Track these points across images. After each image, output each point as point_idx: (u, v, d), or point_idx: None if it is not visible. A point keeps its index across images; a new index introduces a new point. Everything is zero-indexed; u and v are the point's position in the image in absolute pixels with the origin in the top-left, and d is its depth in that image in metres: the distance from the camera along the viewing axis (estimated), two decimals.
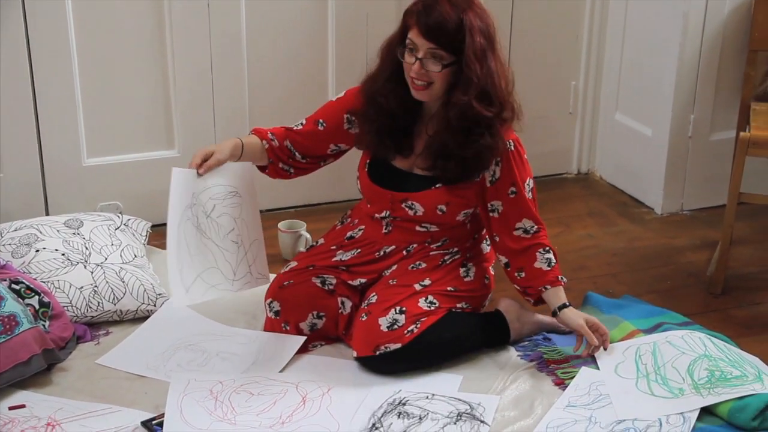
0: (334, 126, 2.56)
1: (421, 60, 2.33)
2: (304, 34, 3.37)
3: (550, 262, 2.48)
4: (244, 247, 2.45)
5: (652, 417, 2.25)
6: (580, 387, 2.36)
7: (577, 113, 3.87)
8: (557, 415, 2.27)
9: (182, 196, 2.41)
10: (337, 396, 2.34)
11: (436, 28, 2.30)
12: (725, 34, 3.38)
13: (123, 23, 3.15)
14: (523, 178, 2.47)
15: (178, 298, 2.39)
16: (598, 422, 2.23)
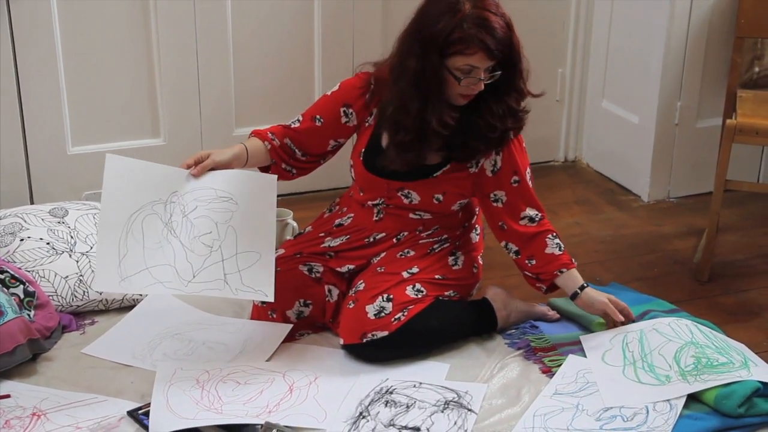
0: (331, 121, 2.52)
1: (483, 79, 2.30)
2: (290, 23, 3.36)
3: (560, 247, 2.49)
4: (221, 253, 2.34)
5: (638, 404, 2.25)
6: (567, 375, 2.37)
7: (564, 101, 3.87)
8: (544, 403, 2.27)
9: (147, 189, 2.33)
10: (324, 385, 2.33)
11: (501, 46, 2.27)
12: (711, 21, 3.38)
13: (107, 11, 3.13)
14: (524, 166, 2.48)
15: (108, 284, 2.26)
16: (585, 410, 2.24)
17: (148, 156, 3.28)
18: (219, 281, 2.32)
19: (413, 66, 2.30)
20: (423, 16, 2.31)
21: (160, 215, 2.34)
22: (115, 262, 2.26)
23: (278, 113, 3.37)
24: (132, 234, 2.30)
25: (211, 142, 3.37)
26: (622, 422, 2.19)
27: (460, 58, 2.27)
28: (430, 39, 2.27)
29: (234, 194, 2.40)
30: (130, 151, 3.29)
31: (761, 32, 3.22)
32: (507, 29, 2.29)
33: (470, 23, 2.24)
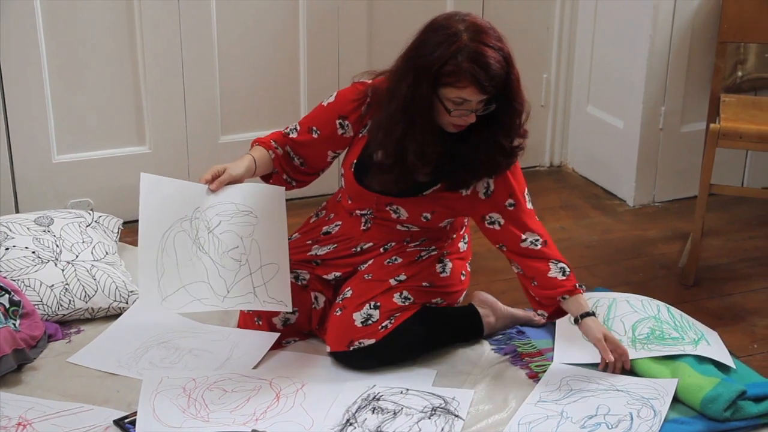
0: (328, 133, 2.49)
1: (476, 111, 2.26)
2: (275, 29, 3.36)
3: (564, 271, 2.41)
4: (249, 266, 2.37)
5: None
6: (550, 382, 2.38)
7: (549, 106, 3.89)
8: (529, 410, 2.28)
9: (175, 206, 2.36)
10: (311, 392, 2.33)
11: (494, 82, 2.22)
12: (695, 26, 3.40)
13: (92, 18, 3.12)
14: (520, 189, 2.43)
15: (151, 305, 2.29)
16: (569, 417, 2.24)
17: (134, 164, 3.29)
18: (250, 294, 2.35)
19: (404, 91, 2.27)
20: (421, 42, 2.27)
21: (188, 232, 2.35)
22: (155, 283, 2.27)
23: (264, 121, 3.38)
24: (166, 252, 2.31)
25: (196, 150, 3.37)
26: (606, 429, 2.19)
27: (452, 90, 2.23)
28: (424, 67, 2.23)
29: (253, 207, 2.42)
30: (116, 159, 3.28)
31: (744, 37, 3.24)
32: (504, 64, 2.24)
33: (464, 56, 2.19)
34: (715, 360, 2.39)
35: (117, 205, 3.22)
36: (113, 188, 3.29)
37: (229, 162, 2.46)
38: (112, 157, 3.28)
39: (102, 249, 2.81)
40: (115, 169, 3.29)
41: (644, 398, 2.26)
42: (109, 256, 2.81)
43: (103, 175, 3.28)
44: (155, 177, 2.39)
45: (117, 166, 3.29)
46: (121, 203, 3.24)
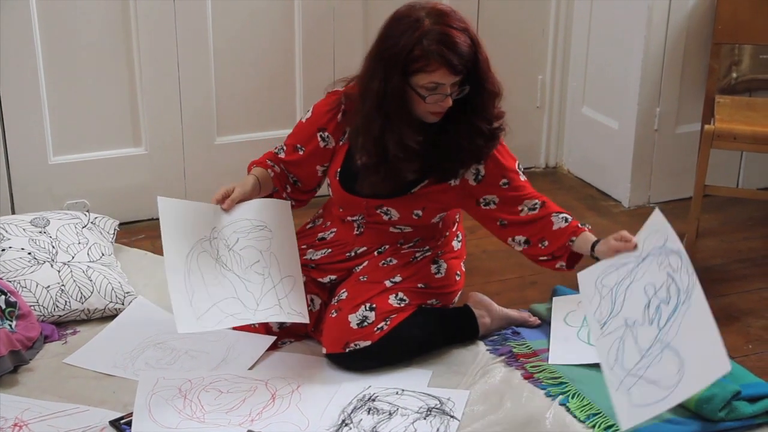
0: (312, 148, 2.51)
1: (451, 94, 2.28)
2: (271, 29, 3.36)
3: (567, 219, 2.41)
4: (272, 279, 2.39)
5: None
6: (592, 300, 2.27)
7: (544, 107, 3.89)
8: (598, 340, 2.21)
9: (193, 227, 2.38)
10: (307, 393, 2.34)
11: (463, 61, 2.24)
12: (689, 27, 3.41)
13: (88, 20, 3.12)
14: (511, 167, 2.44)
15: (187, 325, 2.28)
16: (634, 321, 2.13)
17: (130, 165, 3.30)
18: (276, 306, 2.37)
19: (376, 87, 2.28)
20: (385, 36, 2.29)
21: (210, 252, 2.37)
22: (187, 303, 2.28)
23: (260, 122, 3.39)
24: (192, 273, 2.33)
25: (192, 152, 3.37)
26: (665, 306, 2.10)
27: (423, 76, 2.24)
28: (392, 58, 2.24)
29: (266, 222, 2.45)
30: (112, 160, 3.28)
31: (738, 38, 3.25)
32: (471, 44, 2.26)
33: (431, 39, 2.21)
34: None
35: (113, 206, 3.23)
36: (109, 190, 3.29)
37: (221, 165, 2.47)
38: (108, 159, 3.28)
39: (98, 250, 2.81)
40: (111, 170, 3.29)
41: (659, 247, 2.21)
42: (105, 257, 2.81)
43: (99, 177, 3.28)
44: (171, 200, 2.43)
45: (113, 168, 3.29)
46: (117, 204, 3.25)
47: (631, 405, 2.05)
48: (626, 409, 2.06)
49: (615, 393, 2.09)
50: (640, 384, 2.05)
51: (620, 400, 2.07)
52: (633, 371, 2.08)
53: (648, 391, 2.04)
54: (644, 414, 2.02)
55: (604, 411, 2.26)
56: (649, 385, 2.04)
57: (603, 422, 2.23)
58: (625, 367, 2.10)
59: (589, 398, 2.31)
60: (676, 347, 2.04)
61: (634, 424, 2.04)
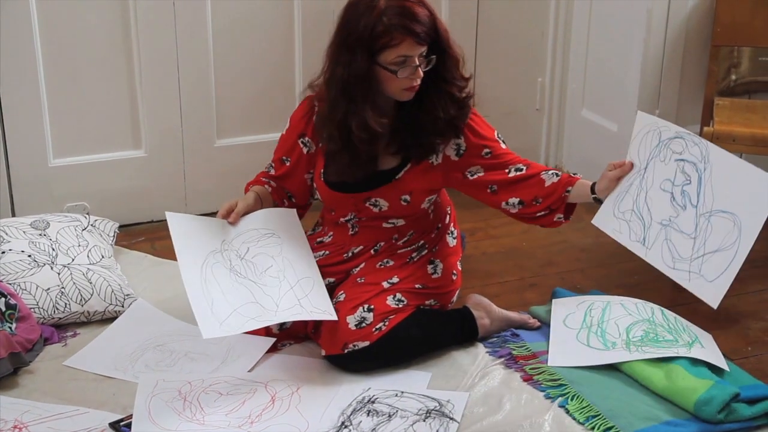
0: (297, 156, 2.56)
1: (420, 66, 2.33)
2: (271, 31, 3.37)
3: (557, 174, 2.46)
4: (288, 281, 2.41)
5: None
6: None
7: (544, 110, 3.90)
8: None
9: (203, 240, 2.41)
10: (307, 395, 2.34)
11: (425, 30, 2.30)
12: (688, 29, 3.41)
13: (88, 23, 3.12)
14: (491, 136, 2.49)
15: (211, 330, 2.28)
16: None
17: (130, 167, 3.30)
18: (296, 306, 2.37)
19: (341, 73, 2.34)
20: (344, 23, 2.35)
21: (222, 263, 2.40)
22: (208, 311, 2.30)
23: (259, 124, 3.39)
24: (209, 283, 2.35)
25: (192, 154, 3.37)
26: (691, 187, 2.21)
27: (390, 51, 2.30)
28: (356, 41, 2.30)
29: (274, 229, 2.48)
30: (112, 163, 3.29)
31: (737, 40, 3.25)
32: (429, 13, 2.33)
33: (390, 14, 2.28)
34: (709, 362, 2.40)
35: (113, 208, 3.23)
36: (109, 192, 3.29)
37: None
38: (108, 161, 3.29)
39: (98, 252, 2.81)
40: (111, 173, 3.29)
41: (656, 146, 2.27)
42: (105, 259, 2.81)
43: (99, 179, 3.28)
44: (179, 215, 2.46)
45: (113, 170, 3.29)
46: (117, 207, 3.25)
47: (709, 283, 2.12)
48: (708, 289, 2.17)
49: (690, 284, 2.20)
50: (706, 260, 2.15)
51: (698, 286, 2.16)
52: (694, 255, 2.16)
53: (717, 261, 2.16)
54: (725, 281, 2.15)
55: (603, 413, 2.26)
56: (715, 255, 2.14)
57: (602, 424, 2.23)
58: (685, 258, 2.17)
59: (589, 400, 2.31)
60: (719, 207, 2.14)
61: (721, 297, 2.16)
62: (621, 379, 2.40)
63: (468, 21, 3.64)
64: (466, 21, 3.64)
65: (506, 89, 3.78)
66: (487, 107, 3.16)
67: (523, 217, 2.51)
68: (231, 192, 2.83)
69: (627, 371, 2.41)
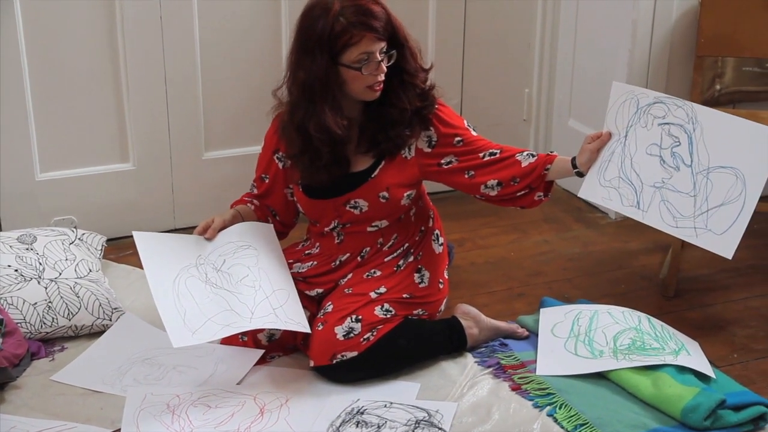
0: (274, 173, 2.59)
1: (382, 61, 2.37)
2: (259, 44, 3.37)
3: (533, 154, 2.48)
4: (264, 291, 2.42)
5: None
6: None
7: (531, 120, 3.92)
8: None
9: (177, 257, 2.42)
10: (296, 407, 2.34)
11: (383, 25, 2.35)
12: (673, 40, 3.43)
13: (74, 36, 3.13)
14: (461, 125, 2.52)
15: (182, 339, 2.28)
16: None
17: (118, 181, 3.30)
18: (271, 315, 2.38)
19: (302, 77, 2.37)
20: (302, 28, 2.38)
21: (197, 276, 2.41)
22: (180, 321, 2.30)
23: (247, 136, 3.39)
24: (182, 296, 2.35)
25: (180, 167, 3.37)
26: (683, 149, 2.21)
27: (352, 50, 2.33)
28: (316, 43, 2.33)
29: (250, 242, 2.50)
30: (99, 176, 3.28)
31: (721, 51, 3.27)
32: (383, 9, 2.37)
33: (347, 14, 2.32)
34: (696, 370, 2.41)
35: (101, 222, 3.23)
36: (97, 205, 3.29)
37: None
38: (96, 175, 3.29)
39: (85, 266, 2.81)
40: (98, 186, 3.29)
41: (635, 113, 2.29)
42: (93, 273, 2.81)
43: (86, 193, 3.28)
44: (148, 234, 2.48)
45: (100, 184, 3.29)
46: (105, 220, 3.25)
47: (719, 236, 2.14)
48: (719, 242, 2.17)
49: (698, 239, 2.21)
50: (711, 215, 2.15)
51: (707, 240, 2.18)
52: (696, 212, 2.17)
53: (724, 214, 2.16)
54: (736, 232, 2.14)
55: (591, 421, 2.27)
56: (721, 209, 2.15)
57: None
58: (687, 215, 2.18)
59: (577, 409, 2.32)
60: (717, 164, 2.15)
61: (734, 248, 2.15)
62: (609, 388, 2.41)
63: (455, 33, 3.66)
64: (454, 33, 3.66)
65: (493, 100, 3.80)
66: (474, 118, 3.18)
67: (504, 199, 2.52)
68: (219, 204, 2.85)
69: (614, 379, 2.41)
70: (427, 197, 2.70)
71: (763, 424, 2.28)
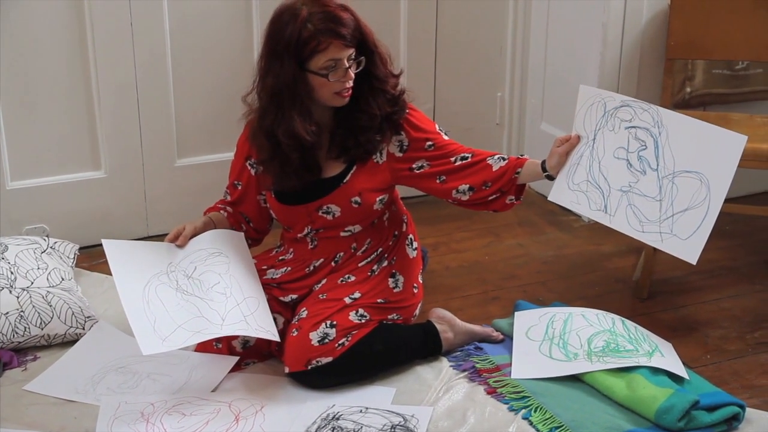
0: (247, 179, 2.60)
1: (350, 68, 2.37)
2: (230, 53, 3.36)
3: (504, 158, 2.48)
4: (235, 298, 2.41)
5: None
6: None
7: (503, 124, 3.93)
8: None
9: (147, 264, 2.41)
10: (271, 413, 2.33)
11: (351, 32, 2.35)
12: (643, 43, 3.46)
13: (44, 43, 3.10)
14: (432, 129, 2.53)
15: (151, 347, 2.26)
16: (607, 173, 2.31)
17: (90, 189, 3.28)
18: (242, 322, 2.37)
19: (271, 82, 2.38)
20: (270, 34, 2.38)
21: (168, 284, 2.40)
22: (150, 329, 2.29)
23: (220, 143, 3.38)
24: (152, 303, 2.34)
25: (153, 174, 3.36)
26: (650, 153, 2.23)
27: (319, 57, 2.33)
28: (284, 49, 2.33)
29: (222, 249, 2.50)
30: (71, 184, 3.26)
31: (690, 54, 3.30)
32: (351, 16, 2.37)
33: (315, 21, 2.32)
34: (669, 371, 2.42)
35: (73, 230, 3.20)
36: (69, 214, 3.27)
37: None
38: (67, 183, 3.26)
39: (58, 275, 2.79)
40: (70, 194, 3.27)
41: (602, 116, 2.30)
42: (65, 281, 2.79)
43: (58, 201, 3.25)
44: (117, 242, 2.47)
45: (72, 192, 3.27)
46: (77, 229, 3.23)
47: (683, 241, 2.14)
48: (683, 247, 2.18)
49: (663, 244, 2.20)
50: (677, 220, 2.16)
51: (672, 245, 2.17)
52: (662, 217, 2.17)
53: (688, 219, 2.17)
54: (700, 237, 2.15)
55: (566, 424, 2.27)
56: (686, 213, 2.15)
57: None
58: (653, 220, 2.18)
59: (552, 411, 2.32)
60: (682, 168, 2.14)
61: (698, 253, 2.16)
62: (583, 390, 2.42)
63: (427, 37, 3.67)
64: (426, 37, 3.67)
65: (466, 104, 3.81)
66: (447, 122, 3.19)
67: (476, 203, 2.53)
68: (193, 211, 2.84)
69: (589, 382, 2.43)
70: (400, 202, 2.70)
71: (737, 425, 2.30)
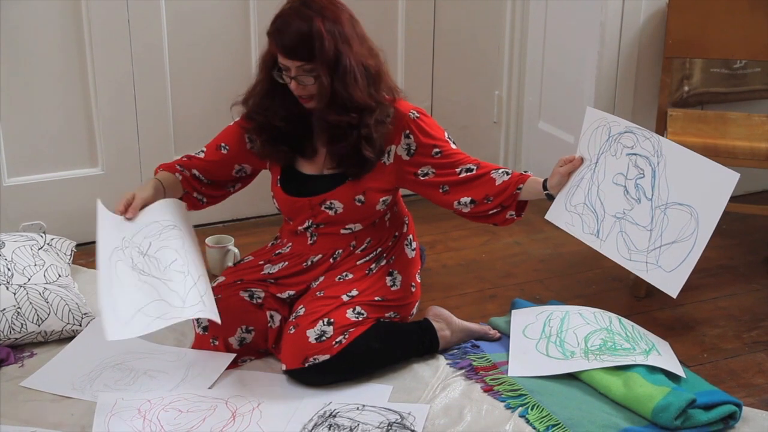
0: (236, 147, 2.58)
1: (296, 78, 2.35)
2: (228, 49, 3.36)
3: (507, 172, 2.47)
4: (192, 276, 2.34)
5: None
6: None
7: (501, 122, 3.93)
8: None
9: (109, 235, 2.35)
10: (268, 410, 2.33)
11: (293, 47, 2.32)
12: (641, 42, 3.46)
13: (41, 40, 3.10)
14: (440, 136, 2.51)
15: (114, 332, 2.20)
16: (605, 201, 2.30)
17: (87, 186, 3.28)
18: (200, 303, 2.30)
19: (264, 52, 2.44)
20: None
21: (124, 261, 2.32)
22: (113, 313, 2.22)
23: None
24: (117, 281, 2.27)
25: (150, 171, 3.34)
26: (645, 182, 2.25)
27: (279, 57, 2.37)
28: (267, 33, 2.38)
29: (174, 221, 2.43)
30: (68, 181, 3.26)
31: (688, 52, 3.31)
32: (308, 30, 2.30)
33: (274, 22, 2.34)
34: (666, 369, 2.43)
35: (70, 227, 3.20)
36: (66, 211, 3.26)
37: None
38: (65, 180, 3.26)
39: (55, 272, 2.79)
40: (67, 191, 3.26)
41: (606, 140, 2.31)
42: (62, 278, 2.79)
43: (55, 198, 3.25)
44: (101, 207, 2.41)
45: (69, 189, 3.27)
46: (74, 225, 3.22)
47: (668, 273, 2.14)
48: (667, 280, 2.18)
49: (648, 274, 2.21)
50: (664, 252, 2.16)
51: (656, 277, 2.17)
52: (650, 247, 2.17)
53: (675, 252, 2.16)
54: (684, 271, 2.15)
55: (563, 422, 2.28)
56: (673, 246, 2.15)
57: None
58: (641, 249, 2.18)
59: (549, 410, 2.33)
60: (674, 200, 2.14)
61: (680, 287, 2.17)
62: (580, 388, 2.42)
63: (424, 36, 3.67)
64: (423, 36, 3.66)
65: (463, 102, 3.81)
66: (444, 120, 3.19)
67: (476, 216, 2.53)
68: None
69: (586, 380, 2.43)
70: (402, 203, 2.70)
71: (733, 423, 2.31)
